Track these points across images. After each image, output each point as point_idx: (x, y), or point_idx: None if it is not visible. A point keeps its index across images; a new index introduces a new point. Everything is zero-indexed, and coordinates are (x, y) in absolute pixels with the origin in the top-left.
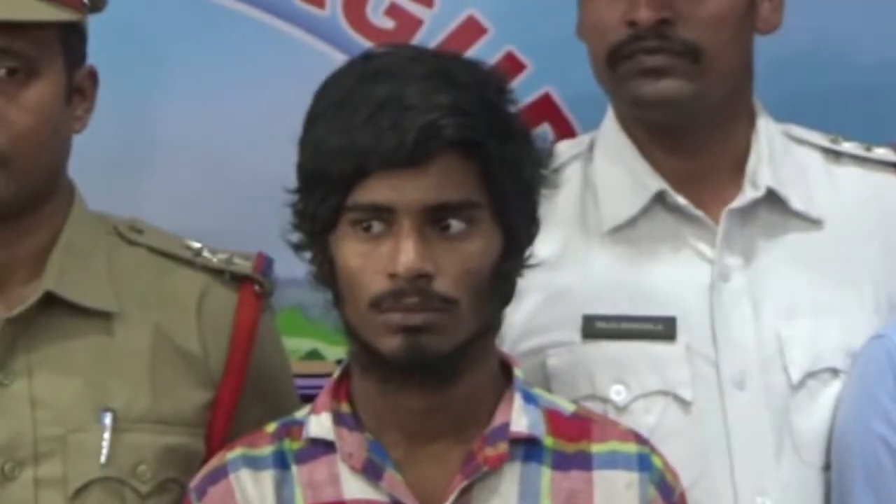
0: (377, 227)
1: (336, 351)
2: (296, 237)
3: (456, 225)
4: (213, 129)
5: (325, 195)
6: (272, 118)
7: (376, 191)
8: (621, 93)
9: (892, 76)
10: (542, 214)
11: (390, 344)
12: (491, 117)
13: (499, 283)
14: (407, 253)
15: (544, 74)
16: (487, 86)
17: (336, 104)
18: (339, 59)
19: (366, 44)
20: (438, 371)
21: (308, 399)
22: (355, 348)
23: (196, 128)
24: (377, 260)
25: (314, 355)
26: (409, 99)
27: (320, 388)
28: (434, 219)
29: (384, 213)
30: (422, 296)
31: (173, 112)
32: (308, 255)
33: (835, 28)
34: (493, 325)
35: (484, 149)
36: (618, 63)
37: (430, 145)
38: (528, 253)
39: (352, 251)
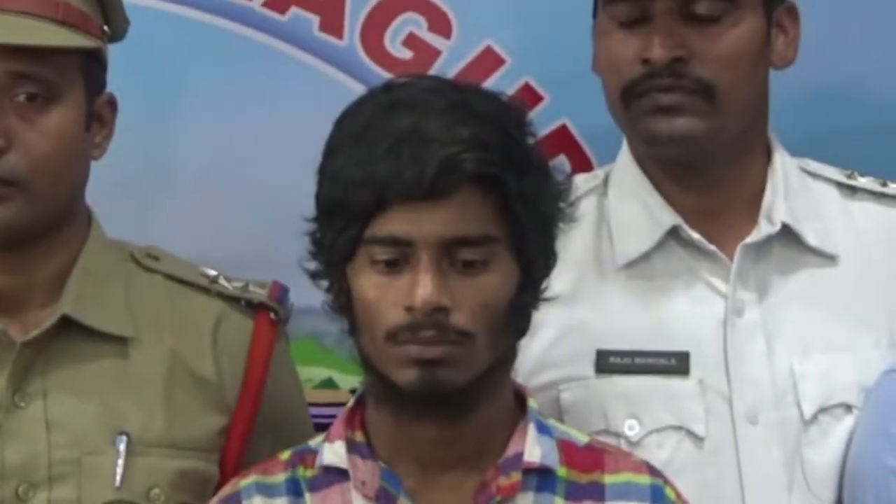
0: (395, 259)
1: (350, 380)
2: (313, 265)
3: (473, 259)
4: (230, 157)
5: (343, 226)
6: (290, 147)
7: (395, 224)
8: (635, 130)
9: None
10: (558, 248)
11: (406, 376)
12: (511, 151)
13: (515, 317)
14: (425, 287)
15: (561, 106)
16: (507, 118)
17: (356, 135)
18: (356, 88)
19: (384, 74)
20: (453, 403)
21: (323, 428)
22: (370, 378)
23: (213, 156)
24: (394, 292)
25: (328, 384)
26: (430, 131)
27: (334, 416)
28: (452, 252)
29: (402, 246)
30: (438, 329)
31: (191, 139)
32: (324, 283)
33: (852, 65)
34: (508, 357)
35: (503, 183)
36: (632, 100)
37: (451, 179)
38: (544, 286)
39: (369, 283)
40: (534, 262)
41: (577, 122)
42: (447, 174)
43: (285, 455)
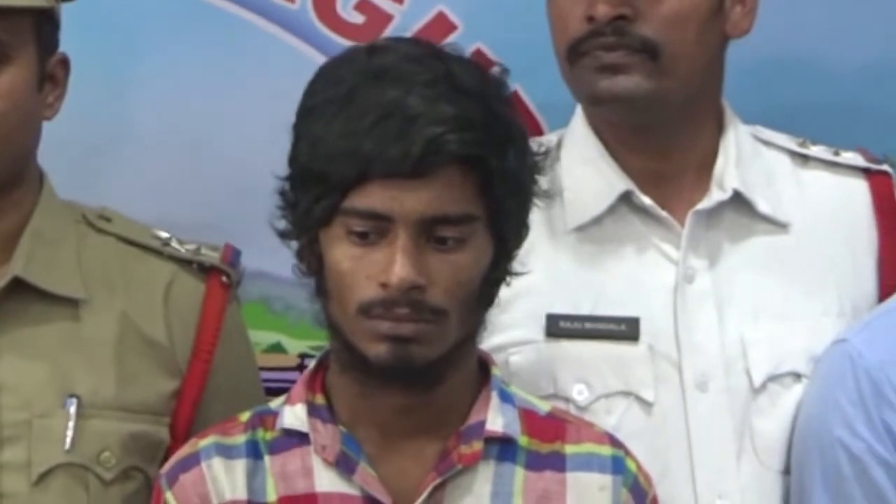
0: (372, 233)
1: (299, 344)
2: (282, 225)
3: (451, 237)
4: (182, 119)
5: (320, 195)
6: (241, 110)
7: (375, 198)
8: (579, 88)
9: (867, 84)
10: None
11: (376, 350)
12: (494, 129)
13: (486, 291)
14: (402, 265)
15: (513, 73)
16: (491, 92)
17: (337, 102)
18: (308, 52)
19: (335, 38)
20: (422, 377)
21: (271, 392)
22: (336, 345)
23: (165, 118)
24: (369, 266)
25: (277, 348)
26: (415, 107)
27: (283, 381)
28: (429, 230)
29: (381, 221)
30: (412, 307)
31: (143, 102)
32: (290, 244)
33: (808, 36)
34: (476, 329)
35: (486, 163)
36: (576, 58)
37: (434, 159)
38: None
39: (344, 253)
40: (509, 237)
41: (528, 89)
42: (431, 154)
43: (245, 416)
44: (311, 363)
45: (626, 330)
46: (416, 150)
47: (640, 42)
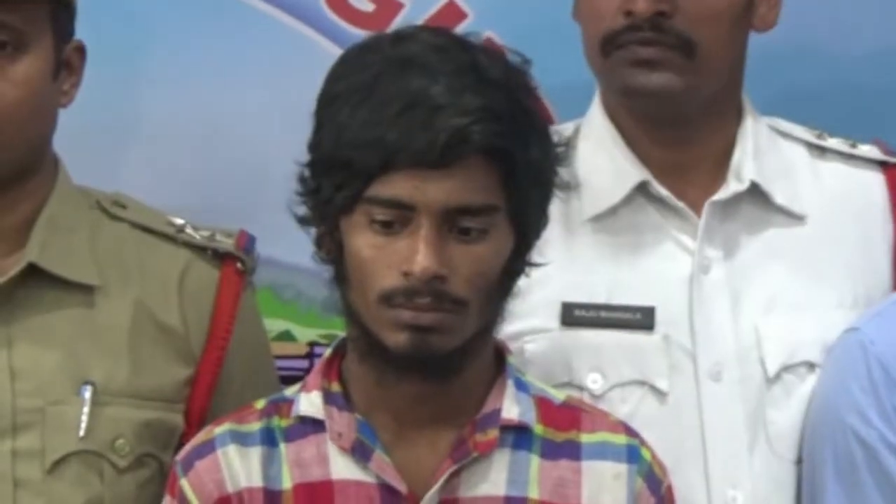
0: (395, 222)
1: (308, 332)
2: (300, 211)
3: (474, 228)
4: (194, 107)
5: (343, 183)
6: (252, 98)
7: (399, 188)
8: (612, 81)
9: (878, 72)
10: None
11: (396, 339)
12: (518, 120)
13: (506, 282)
14: (425, 254)
15: None
16: (514, 83)
17: (362, 90)
18: (319, 41)
19: (345, 27)
20: (441, 366)
21: (280, 380)
22: (354, 333)
23: (177, 106)
24: (391, 254)
25: (286, 336)
26: (440, 97)
27: (292, 369)
28: (452, 220)
29: (404, 210)
30: (434, 297)
31: (156, 89)
32: (300, 231)
33: (821, 23)
34: (495, 319)
35: (510, 155)
36: (611, 51)
37: (459, 149)
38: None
39: (366, 241)
40: (530, 228)
41: (539, 78)
42: (456, 144)
43: (260, 404)
44: (325, 351)
45: (641, 319)
46: (442, 140)
47: (676, 38)
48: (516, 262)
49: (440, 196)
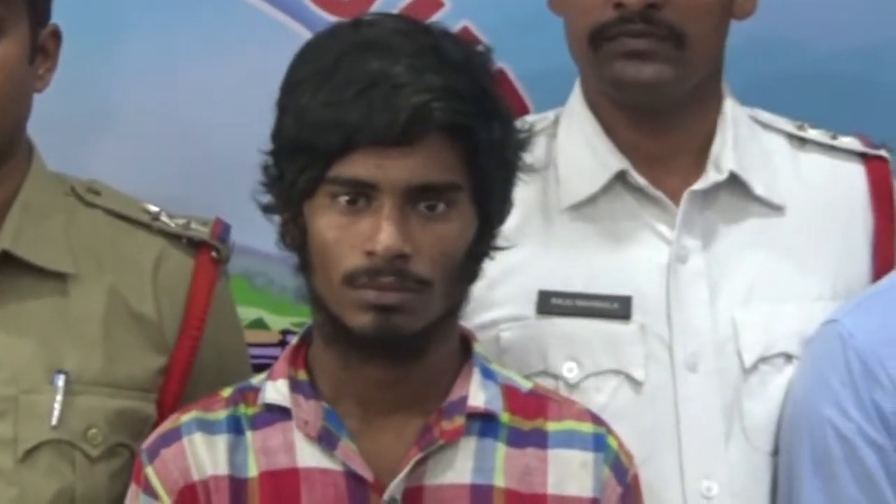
0: (356, 200)
1: (281, 320)
2: (266, 199)
3: (436, 206)
4: (168, 94)
5: (306, 165)
6: (227, 85)
7: (361, 166)
8: (602, 73)
9: (856, 66)
10: None
11: (361, 320)
12: (480, 100)
13: (470, 264)
14: (388, 233)
15: (500, 51)
16: (477, 66)
17: (324, 73)
18: (294, 28)
19: (322, 14)
20: (405, 348)
21: (252, 368)
22: (320, 319)
23: (152, 92)
24: (354, 235)
25: (259, 324)
26: (401, 77)
27: (264, 357)
28: (415, 199)
29: (366, 189)
30: (398, 276)
31: (130, 76)
32: (271, 219)
33: (800, 16)
34: (459, 303)
35: (471, 132)
36: (601, 43)
37: (420, 127)
38: (497, 232)
39: (329, 223)
40: (493, 210)
41: (516, 68)
42: (417, 122)
43: (227, 392)
44: (294, 339)
45: (617, 308)
46: (402, 117)
47: (667, 30)
48: (480, 244)
49: (402, 174)
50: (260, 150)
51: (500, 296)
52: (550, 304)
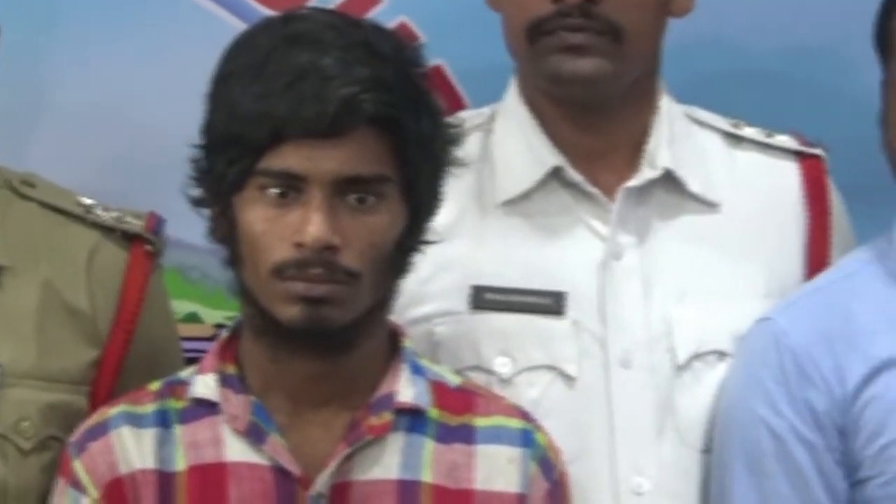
0: (286, 192)
1: (215, 314)
2: (195, 193)
3: (365, 198)
4: (99, 87)
5: (235, 157)
6: (159, 78)
7: (290, 158)
8: (539, 67)
9: (786, 63)
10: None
11: (289, 312)
12: (409, 93)
13: (399, 257)
14: (316, 224)
15: (437, 47)
16: (407, 60)
17: (253, 67)
18: (229, 21)
19: (256, 7)
20: (333, 341)
21: (186, 362)
22: (249, 312)
23: (83, 85)
24: (283, 227)
25: (193, 318)
26: (330, 69)
27: (198, 350)
28: (344, 191)
29: (295, 181)
30: (326, 268)
31: (61, 69)
32: (204, 212)
33: (730, 14)
34: (388, 297)
35: (400, 125)
36: (538, 37)
37: (349, 118)
38: (426, 226)
39: (258, 215)
40: (422, 203)
41: (452, 64)
42: (347, 114)
43: (155, 386)
44: (224, 333)
45: (551, 304)
46: (331, 109)
47: (605, 24)
48: (410, 238)
49: (331, 166)
50: (190, 144)
51: (434, 291)
52: (484, 299)
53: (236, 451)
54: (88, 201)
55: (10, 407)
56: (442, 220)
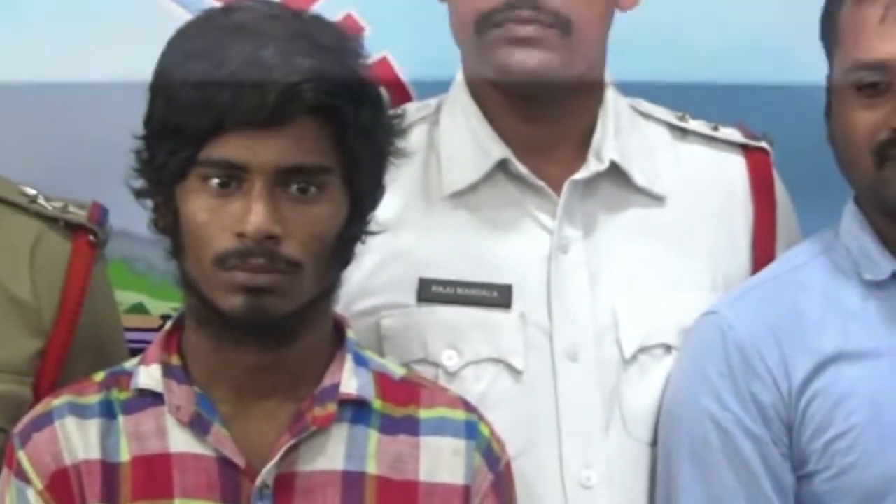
0: (227, 182)
1: (161, 305)
2: (138, 184)
3: (307, 188)
4: (47, 76)
5: (176, 147)
6: (102, 67)
7: (231, 148)
8: (486, 59)
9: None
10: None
11: (231, 302)
12: (349, 83)
13: (342, 248)
14: (257, 213)
15: (383, 38)
16: (348, 50)
17: (194, 57)
18: (173, 10)
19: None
20: (276, 331)
21: (132, 353)
22: (192, 302)
23: (29, 75)
24: (225, 217)
25: (139, 309)
26: (271, 59)
27: (144, 341)
28: (285, 181)
29: (236, 171)
30: (268, 257)
31: (5, 56)
32: (148, 203)
33: (676, 8)
34: (331, 287)
35: (341, 115)
36: (486, 29)
37: (290, 108)
38: (370, 218)
39: (200, 205)
40: (364, 194)
41: (398, 55)
42: (287, 103)
43: (99, 376)
44: (168, 323)
45: (498, 297)
46: (271, 99)
47: (553, 17)
48: (352, 228)
49: (272, 156)
50: (133, 135)
51: (381, 283)
52: (431, 291)
53: (180, 441)
54: (31, 191)
55: None
56: (388, 212)
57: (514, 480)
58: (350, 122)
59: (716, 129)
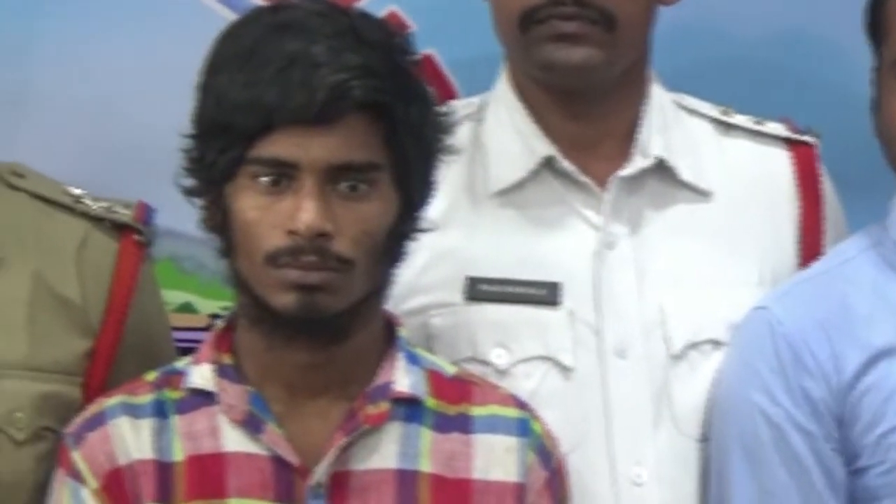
0: (278, 180)
1: (209, 304)
2: (188, 183)
3: (357, 186)
4: (89, 76)
5: (226, 146)
6: (148, 67)
7: (280, 146)
8: (531, 56)
9: (774, 51)
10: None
11: (284, 300)
12: (398, 80)
13: (393, 246)
14: (308, 211)
15: (427, 36)
16: (395, 47)
17: (242, 55)
18: (217, 10)
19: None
20: (329, 329)
21: (180, 352)
22: (244, 301)
23: (71, 75)
24: (276, 215)
25: (187, 308)
26: (319, 56)
27: (193, 341)
28: (336, 178)
29: (287, 169)
30: (319, 255)
31: (48, 58)
32: (197, 202)
33: (723, 2)
34: (383, 285)
35: (390, 112)
36: (530, 26)
37: (339, 105)
38: (420, 214)
39: (250, 203)
40: (415, 191)
41: (443, 53)
42: (336, 100)
43: (151, 376)
44: (219, 322)
45: (546, 294)
46: (321, 96)
47: (598, 13)
48: (403, 225)
49: (322, 153)
50: (182, 134)
51: (429, 282)
52: (479, 290)
53: (234, 441)
54: (77, 191)
55: (3, 398)
56: (436, 211)
57: (568, 477)
58: (399, 118)
59: (760, 123)
